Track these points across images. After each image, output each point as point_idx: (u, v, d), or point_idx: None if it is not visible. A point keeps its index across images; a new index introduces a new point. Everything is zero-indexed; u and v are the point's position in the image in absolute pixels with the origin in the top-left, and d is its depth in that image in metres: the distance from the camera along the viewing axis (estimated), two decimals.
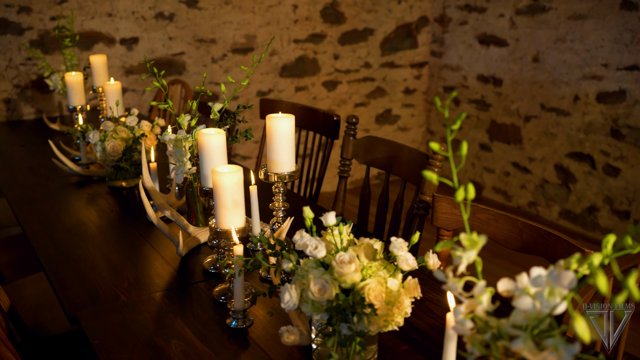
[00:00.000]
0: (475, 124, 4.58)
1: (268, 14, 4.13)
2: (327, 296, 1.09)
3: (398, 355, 1.24)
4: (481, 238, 0.86)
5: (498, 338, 0.84)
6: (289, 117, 1.49)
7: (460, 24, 4.56)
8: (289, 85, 4.34)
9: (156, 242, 1.79)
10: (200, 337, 1.31)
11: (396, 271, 1.16)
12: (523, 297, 0.84)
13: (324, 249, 1.13)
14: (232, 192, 1.37)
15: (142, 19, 3.73)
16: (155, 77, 1.85)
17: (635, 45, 3.45)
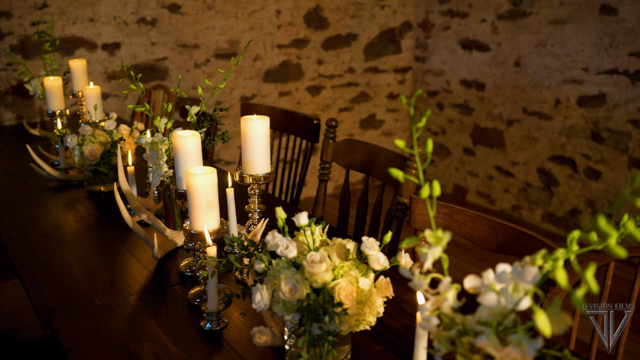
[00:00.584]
0: (459, 129, 4.61)
1: (251, 19, 4.13)
2: (297, 296, 1.08)
3: (372, 355, 1.24)
4: (446, 235, 0.86)
5: (463, 334, 0.84)
6: (264, 118, 1.49)
7: (443, 29, 4.59)
8: (272, 91, 4.34)
9: (133, 246, 1.78)
10: (173, 339, 1.30)
11: (368, 271, 1.16)
12: (488, 293, 0.85)
13: (294, 249, 1.12)
14: (206, 194, 1.36)
15: (124, 24, 3.72)
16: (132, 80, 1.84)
17: (614, 49, 3.49)
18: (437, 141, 4.82)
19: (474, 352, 0.84)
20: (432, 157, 4.88)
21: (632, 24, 3.38)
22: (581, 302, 0.71)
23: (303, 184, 2.43)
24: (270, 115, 2.56)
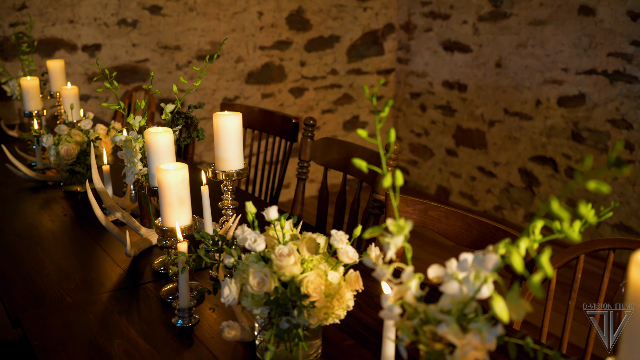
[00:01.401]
0: (442, 130, 4.62)
1: (233, 20, 4.12)
2: (265, 289, 1.08)
3: (343, 349, 1.24)
4: (407, 223, 0.86)
5: (425, 323, 0.84)
6: (236, 114, 1.48)
7: (425, 31, 4.61)
8: (255, 92, 4.33)
9: (108, 245, 1.76)
10: (144, 336, 1.29)
11: (337, 264, 1.16)
12: (450, 282, 0.85)
13: (262, 242, 1.12)
14: (178, 190, 1.35)
15: (105, 25, 3.71)
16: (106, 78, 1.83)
17: (593, 49, 3.52)
18: (420, 142, 4.83)
19: (436, 341, 0.84)
20: (415, 159, 4.90)
21: (610, 24, 3.41)
22: (538, 287, 0.71)
23: (282, 184, 2.43)
24: (248, 115, 2.56)
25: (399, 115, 5.00)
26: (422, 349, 0.84)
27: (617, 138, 3.47)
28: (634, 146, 3.40)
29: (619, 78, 3.41)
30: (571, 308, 1.34)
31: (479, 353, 0.80)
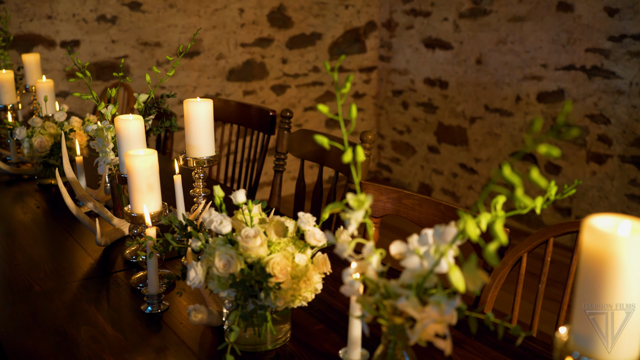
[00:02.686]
0: (424, 127, 4.64)
1: (214, 17, 4.11)
2: (231, 271, 1.07)
3: (312, 334, 1.23)
4: (367, 198, 0.85)
5: (386, 298, 0.84)
6: (207, 101, 1.48)
7: (407, 29, 4.62)
8: (236, 89, 4.32)
9: (80, 236, 1.75)
10: (112, 323, 1.27)
11: (305, 247, 1.15)
12: (411, 257, 0.85)
13: (229, 225, 1.11)
14: (147, 176, 1.34)
15: (84, 21, 3.68)
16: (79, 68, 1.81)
17: (571, 45, 3.55)
18: (402, 140, 4.84)
19: (396, 315, 0.83)
20: (397, 156, 4.91)
21: (588, 20, 3.44)
22: (494, 256, 0.71)
23: (260, 177, 2.42)
24: (225, 109, 2.55)
25: (381, 113, 5.01)
26: (383, 324, 0.84)
27: (596, 133, 3.50)
28: (612, 141, 3.43)
29: (597, 73, 3.44)
30: (541, 291, 1.34)
31: (438, 326, 0.80)
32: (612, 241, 0.61)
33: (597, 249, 0.62)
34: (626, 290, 0.61)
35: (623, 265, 0.60)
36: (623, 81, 3.33)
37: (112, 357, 1.15)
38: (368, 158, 1.88)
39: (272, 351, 1.17)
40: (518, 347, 1.18)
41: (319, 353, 1.16)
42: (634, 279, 0.61)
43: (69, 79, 2.27)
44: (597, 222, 0.63)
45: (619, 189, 3.44)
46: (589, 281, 0.63)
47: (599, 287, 0.62)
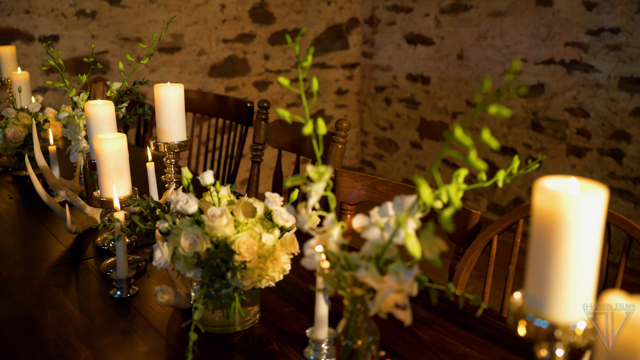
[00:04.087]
0: (406, 123, 4.64)
1: (195, 13, 4.10)
2: (197, 249, 1.07)
3: (282, 316, 1.22)
4: (328, 169, 0.85)
5: (346, 269, 0.83)
6: (178, 86, 1.47)
7: (389, 25, 4.63)
8: (218, 85, 4.30)
9: (53, 225, 1.73)
10: (80, 307, 1.26)
11: (273, 227, 1.15)
12: (372, 228, 0.84)
13: (195, 204, 1.11)
14: (115, 159, 1.33)
15: (63, 16, 3.65)
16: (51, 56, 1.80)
17: (550, 39, 3.57)
18: (385, 136, 4.85)
19: (356, 286, 0.83)
20: (381, 152, 4.91)
21: (567, 14, 3.46)
22: (449, 221, 0.71)
23: (238, 168, 2.41)
24: (202, 101, 2.54)
25: (364, 109, 5.01)
26: (344, 294, 0.84)
27: (575, 126, 3.52)
28: (591, 134, 3.45)
29: (576, 67, 3.46)
30: (511, 272, 1.34)
31: (398, 296, 0.80)
32: (562, 200, 0.61)
33: (548, 209, 0.62)
34: (576, 248, 0.61)
35: (573, 223, 0.60)
36: (601, 74, 3.36)
37: (78, 339, 1.13)
38: (343, 146, 1.87)
39: (240, 332, 1.16)
40: (487, 326, 1.18)
41: (288, 334, 1.15)
42: (584, 236, 0.61)
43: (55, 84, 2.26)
44: (548, 183, 0.64)
45: (598, 181, 3.45)
46: (541, 241, 0.63)
47: (550, 246, 0.62)
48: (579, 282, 0.62)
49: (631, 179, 3.30)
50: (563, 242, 0.61)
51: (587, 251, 0.61)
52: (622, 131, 3.31)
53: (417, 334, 1.16)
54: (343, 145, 1.86)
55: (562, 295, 0.63)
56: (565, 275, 0.62)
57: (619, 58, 3.27)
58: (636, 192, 3.29)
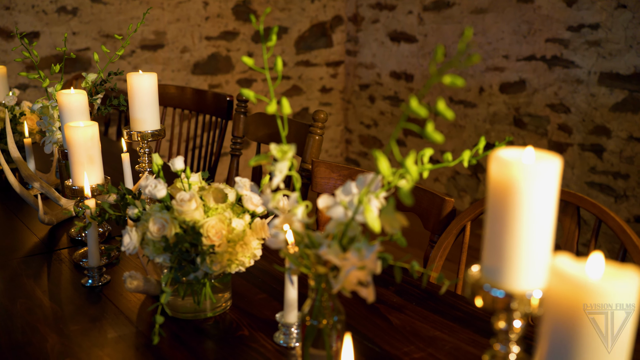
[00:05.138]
0: (390, 120, 4.65)
1: (177, 10, 4.08)
2: (165, 233, 1.06)
3: (254, 302, 1.22)
4: (291, 147, 0.85)
5: (310, 247, 0.83)
6: (151, 74, 1.46)
7: (373, 22, 4.64)
8: (202, 83, 4.29)
9: (26, 217, 1.71)
10: (50, 296, 1.25)
11: (244, 213, 1.14)
12: (336, 207, 0.84)
13: (163, 189, 1.10)
14: (87, 148, 1.32)
15: (43, 12, 3.62)
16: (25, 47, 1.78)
17: (532, 36, 3.59)
18: (369, 134, 4.85)
19: (320, 264, 0.83)
20: (365, 150, 4.92)
21: (547, 10, 3.48)
22: (407, 194, 0.71)
23: (218, 162, 2.40)
24: (181, 96, 2.53)
25: (348, 107, 5.02)
26: (306, 272, 0.83)
27: (556, 122, 3.54)
28: (572, 129, 3.48)
29: (557, 63, 3.49)
30: None
31: (361, 273, 0.80)
32: (516, 169, 0.61)
33: (503, 178, 0.62)
34: (530, 216, 0.61)
35: (526, 191, 0.60)
36: (582, 70, 3.38)
37: (47, 327, 1.12)
38: (321, 137, 1.87)
39: (211, 318, 1.16)
40: (459, 311, 1.18)
41: (259, 319, 1.15)
42: (538, 204, 0.61)
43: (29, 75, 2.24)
44: (503, 153, 0.64)
45: (580, 177, 3.48)
46: (496, 211, 0.63)
47: (505, 216, 0.62)
48: (534, 251, 0.62)
49: (611, 173, 3.33)
50: (517, 210, 0.61)
51: (541, 219, 0.61)
52: (603, 126, 3.34)
53: (389, 318, 1.16)
54: (320, 136, 1.86)
55: (518, 264, 0.63)
56: (520, 244, 0.62)
57: (598, 54, 3.30)
58: (616, 187, 3.32)
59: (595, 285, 0.46)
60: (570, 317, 0.48)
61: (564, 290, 0.48)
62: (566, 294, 0.48)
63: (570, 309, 0.48)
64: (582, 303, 0.47)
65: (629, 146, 3.23)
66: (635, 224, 3.26)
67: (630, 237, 1.11)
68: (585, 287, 0.46)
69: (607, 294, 0.46)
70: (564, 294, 0.48)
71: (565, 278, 0.48)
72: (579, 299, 0.47)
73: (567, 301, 0.48)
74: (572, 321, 0.48)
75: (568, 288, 0.47)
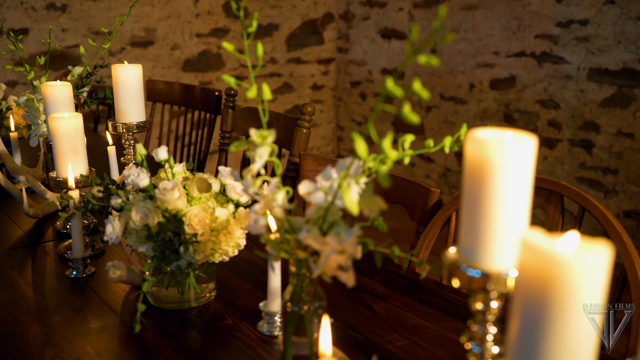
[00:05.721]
0: (381, 117, 4.66)
1: (168, 7, 4.07)
2: (147, 222, 1.06)
3: (239, 293, 1.22)
4: (271, 132, 0.85)
5: (290, 232, 0.83)
6: (136, 66, 1.45)
7: (364, 20, 4.64)
8: (192, 80, 4.28)
9: (12, 210, 1.70)
10: (34, 287, 1.24)
11: (228, 202, 1.14)
12: (316, 192, 0.84)
13: (146, 178, 1.10)
14: (71, 139, 1.32)
15: (32, 9, 3.61)
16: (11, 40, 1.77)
17: (521, 32, 3.60)
18: (361, 131, 4.85)
19: (300, 249, 0.83)
20: None
21: (537, 7, 3.49)
22: (385, 176, 0.71)
23: (207, 157, 2.40)
24: (169, 91, 2.52)
25: (340, 104, 5.02)
26: (286, 257, 0.83)
27: (546, 118, 3.55)
28: (562, 125, 3.49)
29: (546, 59, 3.50)
30: None
31: (340, 257, 0.80)
32: (491, 147, 0.61)
33: (478, 157, 0.62)
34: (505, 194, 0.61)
35: (500, 170, 0.60)
36: (571, 66, 3.39)
37: (29, 317, 1.12)
38: (308, 131, 1.87)
39: (195, 308, 1.15)
40: (443, 300, 1.19)
41: (243, 309, 1.15)
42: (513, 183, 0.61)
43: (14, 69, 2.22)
44: (478, 133, 0.64)
45: (569, 172, 3.49)
46: (472, 191, 0.63)
47: (480, 195, 0.62)
48: (510, 230, 0.62)
49: (601, 169, 3.34)
50: (492, 189, 0.61)
51: (516, 198, 0.61)
52: (592, 122, 3.35)
53: (373, 307, 1.16)
54: (308, 129, 1.86)
55: (493, 244, 0.63)
56: (495, 224, 0.62)
57: (587, 49, 3.31)
58: (606, 182, 3.33)
59: (565, 258, 0.46)
60: (540, 291, 0.48)
61: (534, 264, 0.48)
62: (536, 268, 0.48)
63: (541, 282, 0.48)
64: (552, 276, 0.47)
65: (618, 141, 3.25)
66: (624, 219, 3.28)
67: (612, 224, 1.12)
68: (555, 260, 0.46)
69: (577, 267, 0.46)
70: (534, 268, 0.48)
71: (536, 252, 0.48)
72: (549, 272, 0.47)
73: (537, 275, 0.48)
74: (542, 295, 0.48)
75: (538, 261, 0.48)
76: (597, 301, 0.49)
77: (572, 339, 0.48)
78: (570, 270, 0.47)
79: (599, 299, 0.49)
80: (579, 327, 0.48)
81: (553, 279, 0.47)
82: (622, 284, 1.12)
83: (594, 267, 0.47)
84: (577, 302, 0.47)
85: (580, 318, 0.48)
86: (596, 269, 0.47)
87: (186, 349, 1.02)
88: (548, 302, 0.48)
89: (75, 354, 1.00)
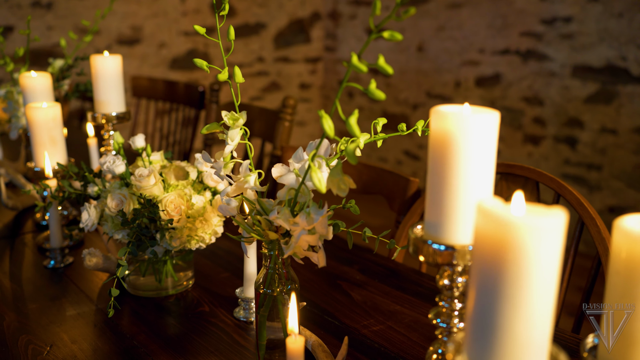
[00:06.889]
0: (368, 116, 4.66)
1: (154, 5, 4.06)
2: (123, 209, 1.06)
3: (217, 281, 1.22)
4: (242, 114, 0.85)
5: (261, 214, 0.83)
6: (115, 56, 1.45)
7: (351, 19, 4.65)
8: (179, 78, 4.27)
9: None
10: (11, 277, 1.24)
11: (205, 190, 1.14)
12: (287, 174, 0.84)
13: (122, 165, 1.10)
14: (49, 128, 1.31)
15: (17, 7, 3.59)
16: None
17: (506, 30, 3.62)
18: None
19: (271, 230, 0.83)
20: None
21: (521, 4, 3.52)
22: (352, 155, 0.71)
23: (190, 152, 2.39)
24: (153, 87, 2.52)
25: (327, 103, 5.02)
26: (257, 237, 0.84)
27: (531, 115, 3.57)
28: (546, 122, 3.51)
29: (531, 56, 3.52)
30: None
31: (311, 238, 0.80)
32: (453, 121, 0.61)
33: (441, 131, 0.63)
34: (467, 167, 0.61)
35: (463, 143, 0.61)
36: (555, 63, 3.41)
37: (5, 306, 1.11)
38: (290, 124, 1.88)
39: (172, 296, 1.15)
40: (421, 287, 1.19)
41: (220, 296, 1.15)
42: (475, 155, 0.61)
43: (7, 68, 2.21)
44: (442, 108, 0.64)
45: (554, 168, 3.51)
46: (436, 165, 0.64)
47: (443, 169, 0.63)
48: (474, 204, 0.63)
49: (585, 165, 3.36)
50: (455, 163, 0.62)
51: (479, 172, 0.62)
52: (576, 118, 3.37)
53: (350, 294, 1.16)
54: (290, 122, 1.86)
55: (457, 218, 0.63)
56: (459, 198, 0.63)
57: (571, 47, 3.33)
58: (590, 178, 3.35)
59: (518, 221, 0.47)
60: (495, 257, 0.48)
61: (489, 229, 0.48)
62: (491, 233, 0.48)
63: (496, 248, 0.48)
64: (506, 240, 0.48)
65: (602, 137, 3.27)
66: (609, 215, 3.30)
67: (587, 209, 1.13)
68: (508, 223, 0.47)
69: (531, 230, 0.47)
70: (490, 234, 0.48)
71: (490, 216, 0.48)
72: (503, 236, 0.48)
73: (492, 240, 0.48)
74: (497, 261, 0.48)
75: (493, 226, 0.48)
76: (552, 266, 0.49)
77: (528, 304, 0.49)
78: (523, 233, 0.47)
79: (555, 265, 0.49)
80: (535, 292, 0.49)
81: (507, 243, 0.48)
82: (596, 269, 1.13)
83: (548, 230, 0.47)
84: (531, 266, 0.48)
85: (536, 283, 0.49)
86: (550, 233, 0.47)
87: (161, 335, 1.02)
88: (503, 267, 0.48)
89: (49, 340, 0.99)
